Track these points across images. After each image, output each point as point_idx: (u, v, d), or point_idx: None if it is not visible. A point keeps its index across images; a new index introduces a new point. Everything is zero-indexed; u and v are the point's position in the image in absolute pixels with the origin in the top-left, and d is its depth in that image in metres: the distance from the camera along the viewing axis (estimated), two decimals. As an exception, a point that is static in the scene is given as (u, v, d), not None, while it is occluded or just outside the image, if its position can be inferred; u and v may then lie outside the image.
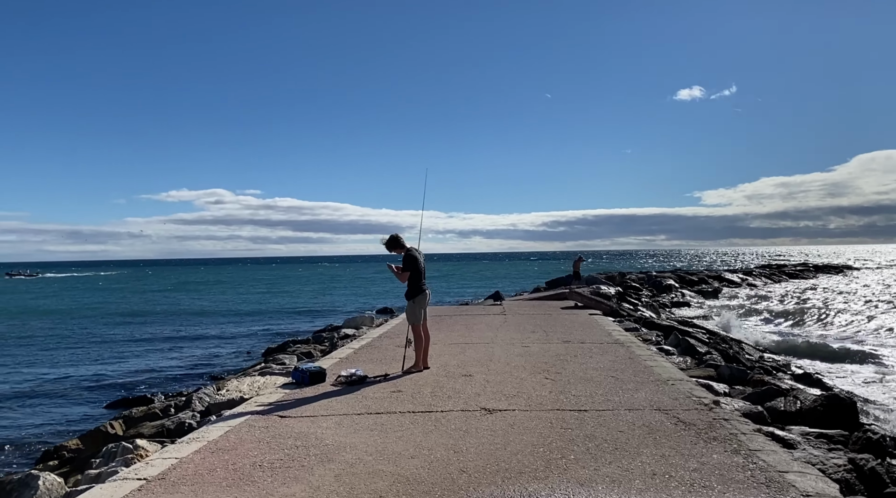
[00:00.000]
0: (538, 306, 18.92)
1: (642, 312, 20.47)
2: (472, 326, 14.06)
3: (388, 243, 8.95)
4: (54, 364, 18.23)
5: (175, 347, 21.55)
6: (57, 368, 17.48)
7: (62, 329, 27.48)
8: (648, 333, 14.64)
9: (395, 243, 8.93)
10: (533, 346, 10.94)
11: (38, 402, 13.55)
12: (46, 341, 23.42)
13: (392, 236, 8.96)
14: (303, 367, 8.18)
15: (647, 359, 9.66)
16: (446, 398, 7.07)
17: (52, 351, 20.91)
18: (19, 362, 18.67)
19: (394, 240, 8.93)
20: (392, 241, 8.93)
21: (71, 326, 28.43)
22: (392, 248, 8.94)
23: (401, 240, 8.95)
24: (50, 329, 27.57)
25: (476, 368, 8.93)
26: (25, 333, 26.38)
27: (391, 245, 8.95)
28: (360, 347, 11.25)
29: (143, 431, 8.02)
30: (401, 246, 8.92)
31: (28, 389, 14.75)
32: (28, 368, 17.72)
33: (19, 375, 16.52)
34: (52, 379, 15.94)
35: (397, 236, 8.97)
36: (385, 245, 8.98)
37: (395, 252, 8.97)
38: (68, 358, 19.36)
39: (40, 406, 13.20)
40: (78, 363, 18.35)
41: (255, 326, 27.84)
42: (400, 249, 8.91)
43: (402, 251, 8.90)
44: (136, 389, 14.63)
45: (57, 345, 22.45)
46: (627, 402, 6.82)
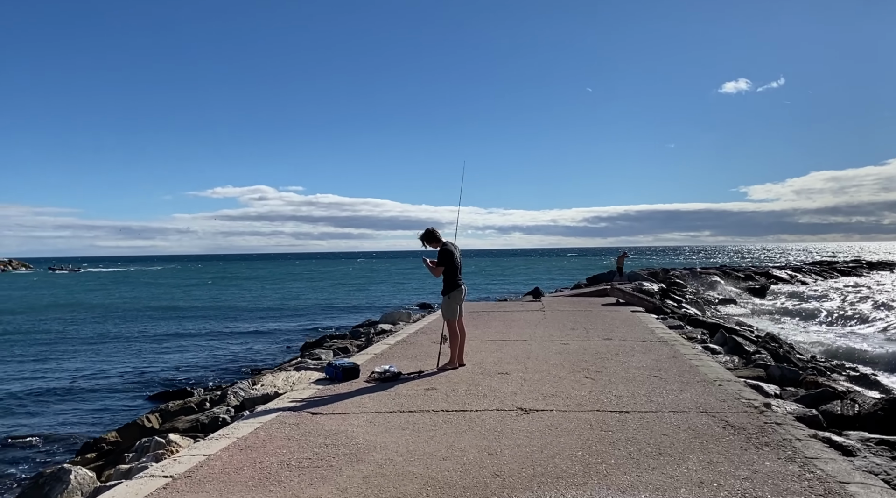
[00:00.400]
0: (578, 303, 18.55)
1: (686, 309, 19.89)
2: (510, 322, 13.80)
3: (423, 237, 8.78)
4: (97, 357, 18.61)
5: (216, 340, 21.84)
6: (99, 362, 17.83)
7: (104, 323, 28.08)
8: (693, 331, 14.16)
9: (430, 237, 8.74)
10: (572, 343, 10.63)
11: (81, 394, 13.80)
12: (89, 335, 23.95)
13: (427, 230, 8.78)
14: (336, 363, 8.06)
15: (692, 358, 9.27)
16: (481, 397, 6.85)
17: (95, 345, 21.36)
18: (63, 356, 19.12)
19: (429, 234, 8.74)
20: (427, 235, 8.75)
21: (113, 321, 29.06)
22: (427, 242, 8.76)
23: (436, 234, 8.76)
24: (92, 323, 28.21)
25: (513, 365, 8.69)
26: (68, 327, 27.05)
27: (426, 239, 8.77)
28: (396, 342, 11.10)
29: (177, 425, 8.01)
30: (436, 240, 8.72)
31: (72, 382, 15.06)
32: (71, 361, 18.12)
33: (63, 368, 16.90)
34: (95, 372, 16.25)
35: (433, 230, 8.78)
36: (420, 239, 8.81)
37: (430, 246, 8.78)
38: (110, 352, 19.75)
39: (84, 398, 13.44)
40: (120, 357, 18.71)
41: (294, 320, 28.08)
42: (435, 244, 8.72)
43: (437, 245, 8.70)
44: (177, 382, 14.80)
45: (99, 339, 22.94)
46: (672, 403, 6.50)
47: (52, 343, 21.67)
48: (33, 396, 13.55)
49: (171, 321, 28.42)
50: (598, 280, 32.36)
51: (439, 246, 8.67)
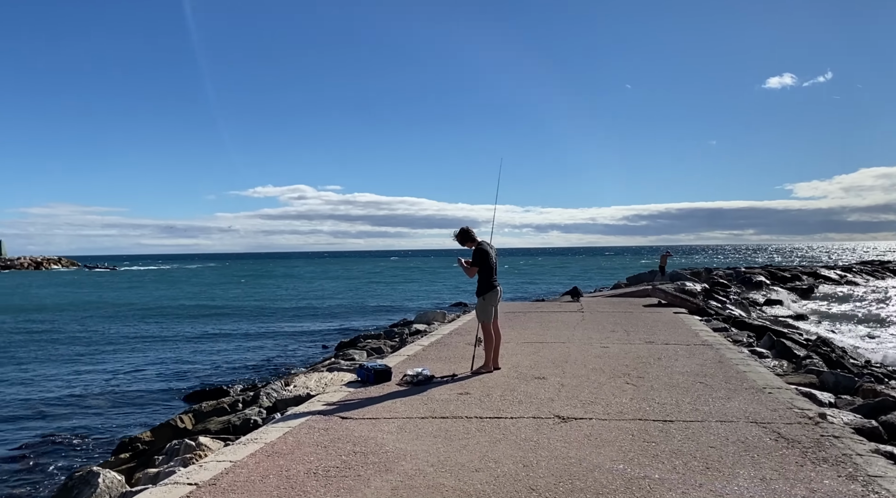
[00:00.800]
0: (618, 304, 18.10)
1: (731, 310, 19.27)
2: (548, 324, 13.49)
3: (458, 236, 8.56)
4: (133, 356, 18.77)
5: (251, 339, 21.96)
6: (136, 360, 18.00)
7: (139, 322, 28.22)
8: (739, 334, 13.65)
9: (465, 236, 8.52)
10: (612, 346, 10.29)
11: (119, 393, 13.94)
12: (124, 334, 24.14)
13: (462, 229, 8.56)
14: (368, 365, 7.89)
15: (738, 363, 8.86)
16: (517, 403, 6.60)
17: (131, 343, 21.50)
18: (99, 354, 19.37)
19: (464, 233, 8.52)
20: (462, 235, 8.53)
21: (148, 319, 29.33)
22: (462, 241, 8.54)
23: (471, 233, 8.53)
24: (127, 322, 28.46)
25: (550, 369, 8.41)
26: (104, 325, 27.36)
27: (461, 238, 8.55)
28: (430, 344, 10.90)
29: (209, 427, 7.95)
30: (471, 239, 8.49)
31: (110, 381, 15.24)
32: (108, 360, 18.31)
33: (101, 367, 17.13)
34: (132, 370, 16.42)
35: (467, 229, 8.56)
36: (455, 238, 8.59)
37: (465, 246, 8.56)
38: (146, 350, 19.90)
39: (121, 397, 13.57)
40: (156, 355, 18.86)
41: (329, 319, 28.14)
42: (470, 243, 8.49)
43: (472, 245, 8.48)
44: (213, 381, 14.86)
45: (135, 337, 23.10)
46: (719, 412, 6.15)
47: (89, 342, 21.94)
48: (72, 395, 13.73)
49: (207, 320, 28.69)
50: (639, 280, 31.70)
51: (474, 245, 8.44)
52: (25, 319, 29.99)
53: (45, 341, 22.06)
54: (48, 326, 27.02)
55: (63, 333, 24.59)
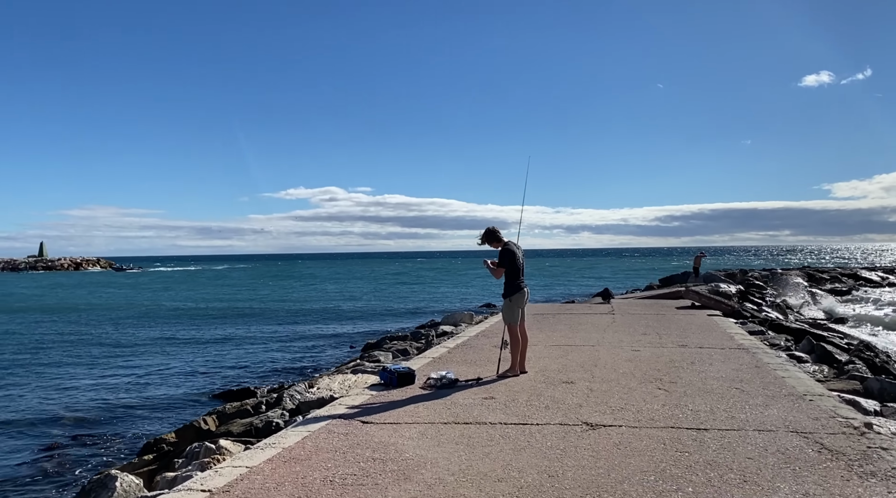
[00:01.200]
0: (650, 306, 17.70)
1: (767, 312, 18.71)
2: (577, 326, 13.20)
3: (483, 237, 8.38)
4: (161, 356, 18.87)
5: (279, 340, 22.00)
6: (164, 360, 18.12)
7: (167, 323, 28.44)
8: (776, 338, 13.19)
9: (491, 237, 8.33)
10: (644, 350, 9.98)
11: (148, 392, 14.03)
12: (152, 334, 24.36)
13: (488, 229, 8.37)
14: (391, 367, 7.74)
15: (776, 367, 8.50)
16: (543, 409, 6.37)
17: (158, 343, 21.65)
18: (130, 354, 19.59)
19: (490, 233, 8.33)
20: (488, 235, 8.34)
21: (175, 320, 29.56)
22: (488, 241, 8.35)
23: (497, 233, 8.34)
24: (155, 322, 28.76)
25: (579, 373, 8.16)
26: (131, 325, 27.69)
27: (487, 239, 8.36)
28: (455, 346, 10.71)
29: (232, 429, 7.87)
30: (497, 240, 8.29)
31: (139, 380, 15.34)
32: (137, 359, 18.47)
33: (130, 367, 17.28)
34: (160, 370, 16.52)
35: (494, 229, 8.36)
36: (481, 239, 8.41)
37: (491, 246, 8.37)
38: (174, 350, 20.00)
39: (150, 397, 13.65)
40: (184, 355, 18.95)
41: (356, 320, 28.10)
42: (496, 244, 8.29)
43: (498, 245, 8.28)
44: (240, 381, 14.89)
45: (162, 337, 23.28)
46: (756, 420, 5.85)
47: (118, 342, 22.08)
48: (102, 395, 13.85)
49: (235, 320, 28.80)
50: (672, 281, 31.10)
51: (500, 246, 8.24)
52: (57, 319, 30.59)
53: (75, 342, 22.39)
54: (79, 326, 27.48)
55: (93, 333, 24.94)
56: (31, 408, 12.73)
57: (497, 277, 8.11)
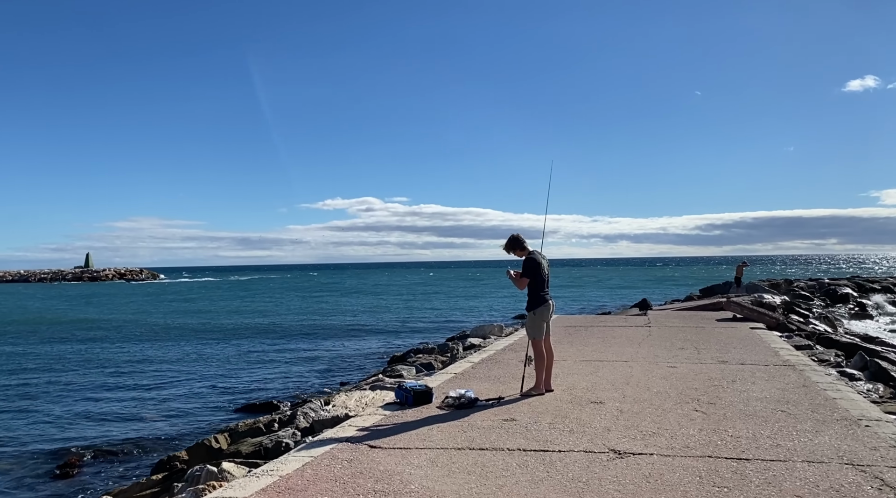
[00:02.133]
0: (689, 318, 16.94)
1: (815, 325, 17.76)
2: (610, 339, 12.59)
3: (507, 246, 7.92)
4: (188, 368, 18.69)
5: (306, 352, 21.68)
6: (191, 372, 17.96)
7: (193, 334, 28.28)
8: (825, 353, 12.38)
9: (515, 245, 7.87)
10: (680, 366, 9.36)
11: (171, 406, 13.87)
12: (180, 346, 24.30)
13: (512, 237, 7.92)
14: (407, 385, 7.31)
15: (826, 387, 7.82)
16: (567, 433, 5.86)
17: (184, 355, 21.51)
18: (154, 365, 19.51)
19: (514, 241, 7.87)
20: (512, 243, 7.88)
21: (201, 332, 29.45)
22: (512, 250, 7.90)
23: (522, 242, 7.87)
24: (182, 334, 28.76)
25: (609, 392, 7.61)
26: (157, 336, 27.66)
27: (510, 247, 7.90)
28: (480, 360, 10.23)
29: (241, 449, 7.54)
30: (522, 248, 7.83)
31: (163, 393, 15.20)
32: (164, 373, 18.38)
33: (154, 379, 17.16)
34: (186, 382, 16.39)
35: (518, 237, 7.90)
36: (504, 248, 7.96)
37: (515, 255, 7.91)
38: (199, 363, 19.77)
39: (173, 410, 13.48)
40: (209, 368, 18.65)
41: (389, 332, 27.69)
42: (521, 252, 7.83)
43: (523, 254, 7.82)
44: (265, 394, 14.65)
45: (188, 349, 23.17)
46: (805, 449, 5.25)
47: (141, 355, 22.09)
48: (127, 408, 13.75)
49: (260, 333, 28.32)
50: (713, 292, 30.08)
51: (525, 255, 7.78)
52: (77, 331, 30.99)
53: (99, 354, 22.43)
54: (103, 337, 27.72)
55: (116, 345, 24.98)
56: (55, 422, 12.67)
57: (521, 287, 7.65)
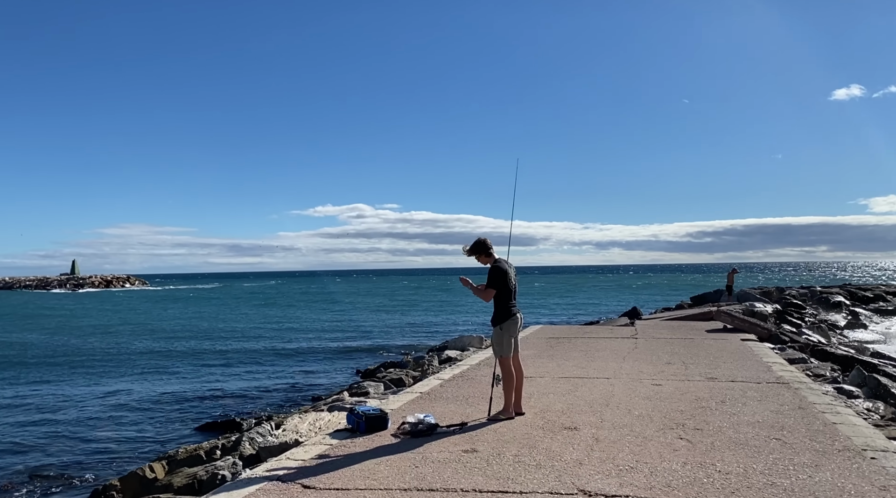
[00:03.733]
0: (678, 328, 16.25)
1: (808, 335, 17.11)
2: (593, 353, 11.86)
3: (471, 249, 7.09)
4: (148, 382, 17.58)
5: (277, 364, 20.73)
6: (151, 386, 16.98)
7: (155, 343, 27.15)
8: (820, 366, 11.71)
9: (479, 249, 7.06)
10: (666, 384, 8.64)
11: (129, 422, 13.05)
12: (143, 357, 23.09)
13: (478, 241, 7.09)
14: (360, 410, 6.54)
15: (824, 409, 7.12)
16: (534, 468, 5.12)
17: (148, 367, 20.39)
18: (113, 377, 18.55)
19: (479, 245, 7.05)
20: (477, 247, 7.05)
21: (162, 341, 28.13)
22: (476, 254, 7.08)
23: (488, 246, 7.08)
24: (156, 341, 27.81)
25: (586, 415, 6.87)
26: (118, 347, 26.40)
27: (476, 251, 7.08)
28: (451, 377, 9.46)
29: (174, 481, 6.75)
30: (486, 254, 7.05)
31: (121, 408, 14.34)
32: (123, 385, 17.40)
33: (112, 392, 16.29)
34: (145, 397, 15.45)
35: (484, 241, 7.09)
36: (466, 252, 7.13)
37: (479, 261, 7.13)
38: (165, 375, 18.75)
39: (131, 426, 12.66)
40: (173, 382, 17.66)
41: (368, 341, 26.80)
42: (485, 259, 7.06)
43: (488, 261, 7.05)
44: (231, 410, 13.85)
45: (152, 361, 22.03)
46: (804, 489, 4.53)
47: (104, 365, 21.04)
48: (81, 425, 12.90)
49: (228, 343, 27.13)
50: (704, 300, 29.45)
51: (490, 262, 7.02)
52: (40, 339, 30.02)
53: (54, 364, 21.43)
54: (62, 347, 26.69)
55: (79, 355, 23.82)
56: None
57: (486, 299, 6.88)
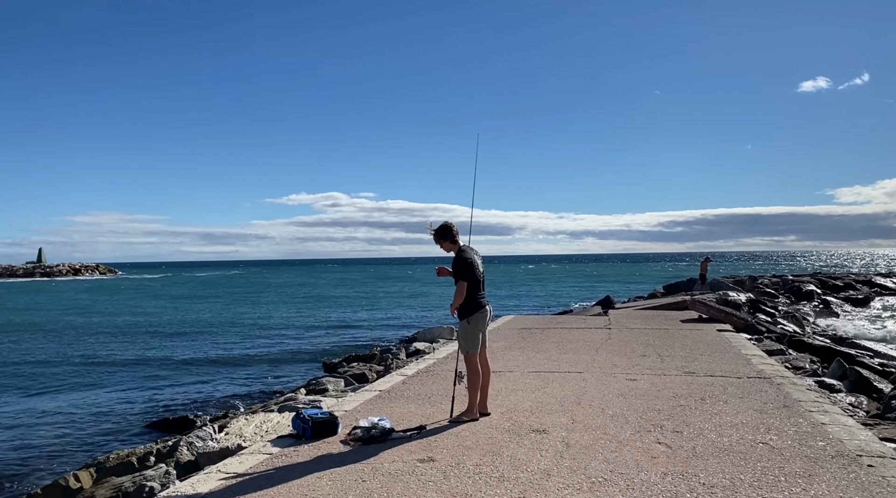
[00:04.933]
0: (652, 318, 15.82)
1: (783, 325, 16.81)
2: (565, 344, 11.34)
3: (437, 235, 6.43)
4: (97, 378, 16.64)
5: (239, 357, 19.77)
6: (99, 382, 16.05)
7: (108, 337, 25.87)
8: (798, 359, 11.33)
9: (445, 235, 6.38)
10: (641, 379, 8.12)
11: (75, 421, 12.23)
12: (98, 350, 22.01)
13: (444, 225, 6.43)
14: (307, 413, 5.89)
15: (810, 407, 6.65)
16: (496, 481, 4.53)
17: (96, 364, 19.35)
18: (61, 375, 17.62)
19: (444, 230, 6.38)
20: (442, 232, 6.38)
21: (114, 335, 26.64)
22: (441, 241, 6.42)
23: (453, 232, 6.43)
24: (96, 338, 26.60)
25: (556, 416, 6.31)
26: (73, 341, 25.08)
27: (441, 236, 6.42)
28: (415, 373, 8.84)
29: (98, 493, 6.05)
30: (452, 240, 6.39)
31: (66, 407, 13.47)
32: (70, 382, 16.53)
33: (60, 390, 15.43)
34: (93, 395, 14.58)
35: (450, 226, 6.42)
36: (433, 235, 6.46)
37: (443, 249, 6.47)
38: (115, 371, 17.66)
39: (77, 425, 11.86)
40: (126, 377, 16.64)
41: (335, 332, 26.00)
42: (450, 246, 6.40)
43: (452, 248, 6.40)
44: (185, 406, 13.10)
45: (106, 355, 21.10)
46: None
47: (54, 361, 20.08)
48: (15, 423, 12.06)
49: (185, 336, 26.02)
50: (677, 289, 29.22)
51: (455, 250, 6.38)
52: None
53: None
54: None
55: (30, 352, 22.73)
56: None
57: (461, 296, 6.19)
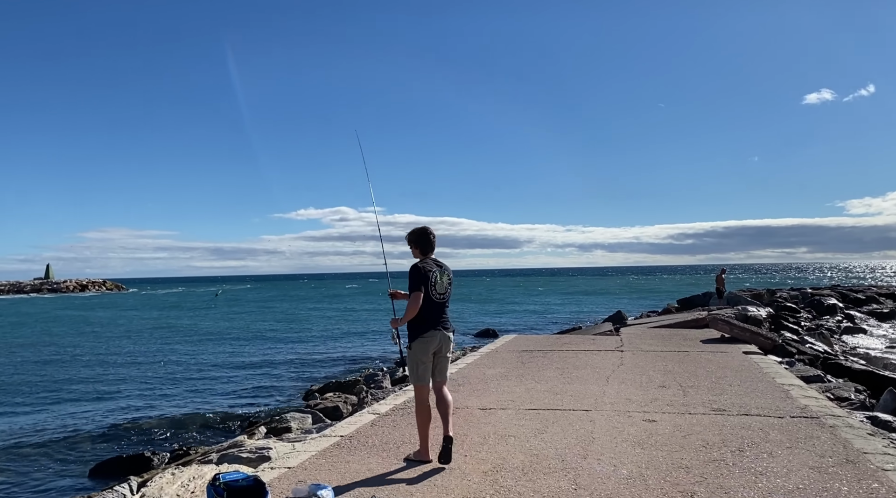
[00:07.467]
0: (669, 338, 14.32)
1: (812, 344, 15.28)
2: (571, 371, 9.88)
3: (410, 238, 5.30)
4: (55, 405, 15.21)
5: (224, 379, 18.40)
6: (58, 408, 14.75)
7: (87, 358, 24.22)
8: (841, 387, 9.82)
9: (420, 239, 5.25)
10: (662, 419, 6.67)
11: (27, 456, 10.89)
12: (70, 371, 20.90)
13: (421, 230, 5.28)
14: (226, 478, 4.48)
15: (882, 462, 5.19)
16: None
17: (65, 383, 18.22)
18: (24, 401, 16.37)
19: (420, 235, 5.26)
20: (417, 237, 5.27)
21: (99, 354, 25.58)
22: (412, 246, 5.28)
23: (431, 241, 5.23)
24: (96, 351, 25.63)
25: (554, 478, 4.88)
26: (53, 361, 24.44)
27: (414, 242, 5.28)
28: (389, 411, 7.40)
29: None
30: (415, 246, 5.24)
31: (16, 436, 12.11)
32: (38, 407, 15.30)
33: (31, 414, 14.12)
34: (46, 423, 13.22)
35: (425, 232, 5.26)
36: (407, 240, 5.30)
37: (414, 256, 5.27)
38: (87, 394, 16.37)
39: (22, 462, 10.52)
40: (94, 403, 15.21)
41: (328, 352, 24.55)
42: (414, 252, 5.22)
43: (416, 256, 5.21)
44: (144, 440, 11.73)
45: (67, 378, 19.83)
46: None
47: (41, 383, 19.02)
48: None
49: (172, 352, 24.72)
50: (692, 303, 27.68)
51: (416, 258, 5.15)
52: None
53: None
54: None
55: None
56: None
57: (412, 313, 4.91)
